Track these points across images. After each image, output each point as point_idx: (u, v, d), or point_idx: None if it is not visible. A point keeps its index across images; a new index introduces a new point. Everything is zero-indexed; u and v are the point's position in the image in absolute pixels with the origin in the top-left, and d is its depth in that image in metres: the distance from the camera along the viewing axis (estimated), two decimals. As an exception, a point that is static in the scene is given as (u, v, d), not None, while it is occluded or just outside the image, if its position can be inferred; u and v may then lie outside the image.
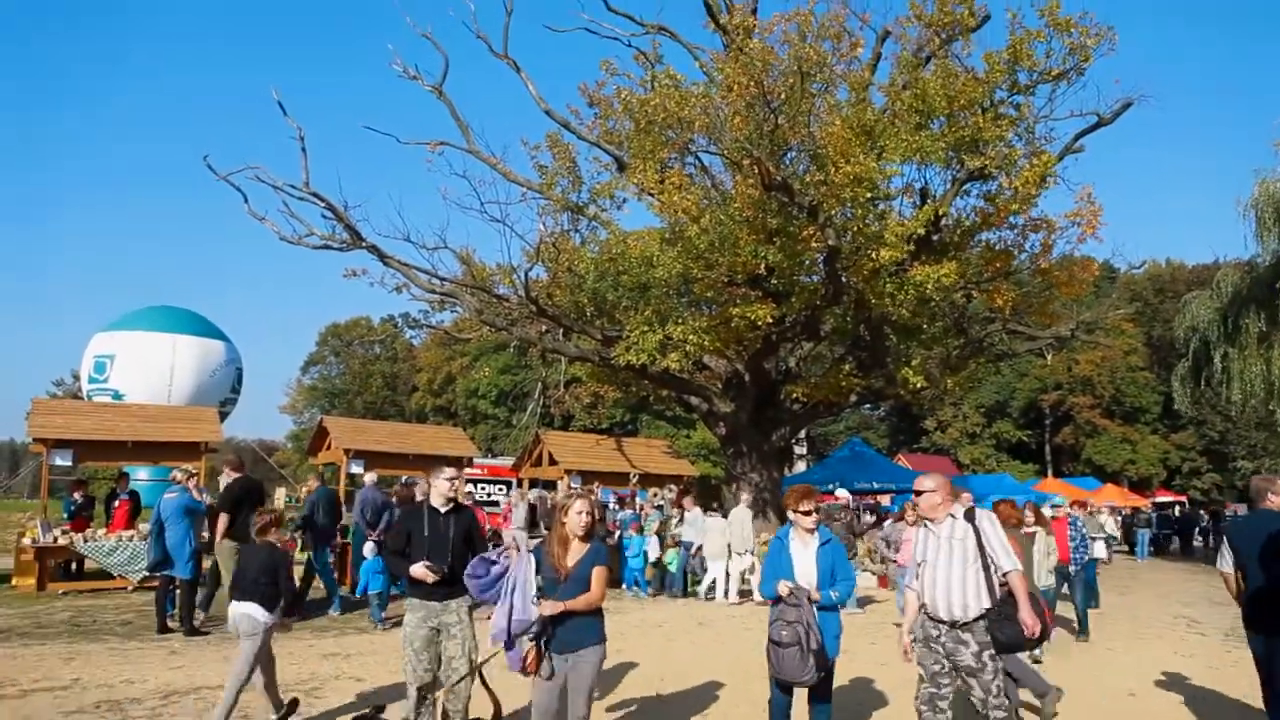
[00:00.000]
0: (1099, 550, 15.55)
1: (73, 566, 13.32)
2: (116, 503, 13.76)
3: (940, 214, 14.76)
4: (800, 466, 32.15)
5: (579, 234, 17.55)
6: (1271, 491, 5.44)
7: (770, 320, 14.64)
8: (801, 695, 5.01)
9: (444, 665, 5.27)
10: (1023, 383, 47.73)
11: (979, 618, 4.56)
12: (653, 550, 14.46)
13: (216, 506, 10.00)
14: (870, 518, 20.63)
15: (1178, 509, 33.85)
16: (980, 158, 13.95)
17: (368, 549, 10.48)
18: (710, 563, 13.63)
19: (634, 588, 14.13)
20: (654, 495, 17.86)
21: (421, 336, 62.10)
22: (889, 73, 15.81)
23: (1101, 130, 15.34)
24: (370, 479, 12.22)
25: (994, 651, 4.55)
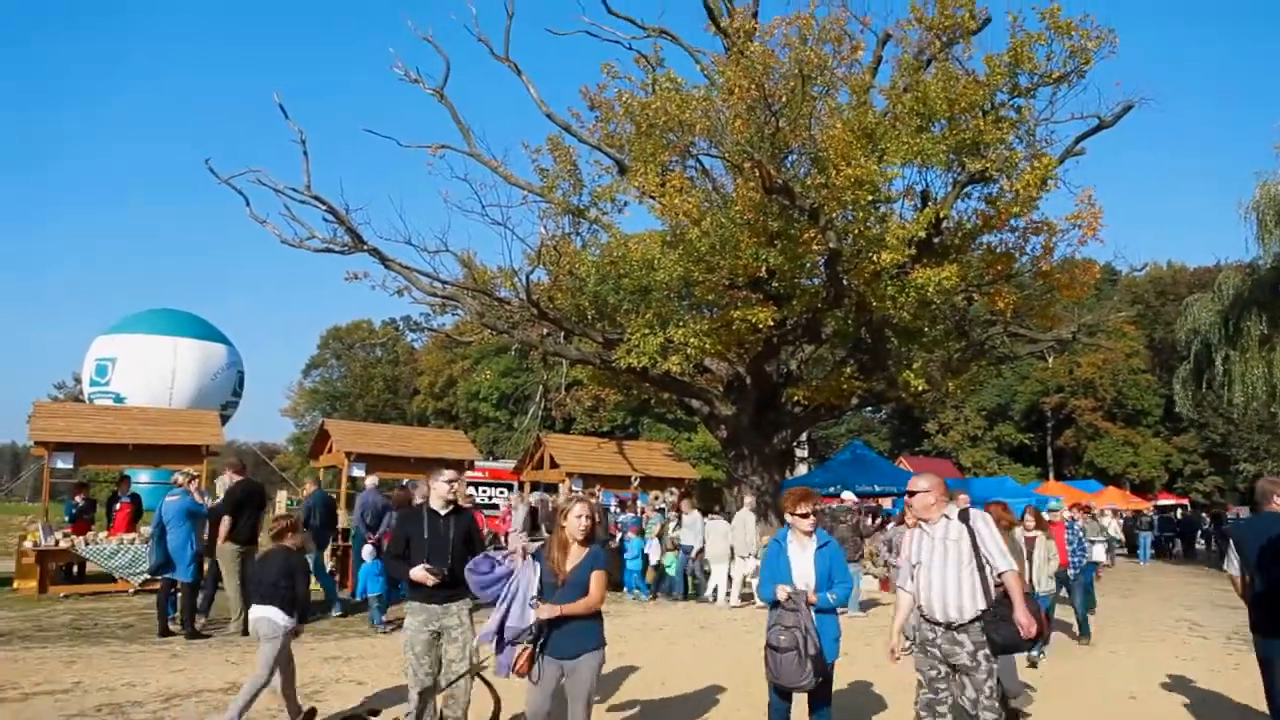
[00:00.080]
0: (1098, 553, 15.55)
1: (74, 569, 13.32)
2: (118, 506, 13.80)
3: (941, 217, 14.78)
4: (802, 469, 32.15)
5: (580, 237, 17.57)
6: (1277, 494, 5.41)
7: (771, 323, 14.65)
8: (801, 700, 4.97)
9: (444, 668, 5.25)
10: (1024, 385, 47.69)
11: (975, 619, 4.52)
12: (654, 553, 14.49)
13: (218, 509, 10.02)
14: (870, 521, 20.57)
15: (1180, 512, 33.73)
16: (981, 160, 13.96)
17: (366, 552, 10.48)
18: (713, 566, 13.63)
19: (634, 591, 14.14)
20: (655, 498, 17.85)
21: (423, 339, 62.37)
22: (890, 75, 15.87)
23: (1102, 133, 15.38)
24: (371, 482, 12.24)
25: (989, 652, 4.51)
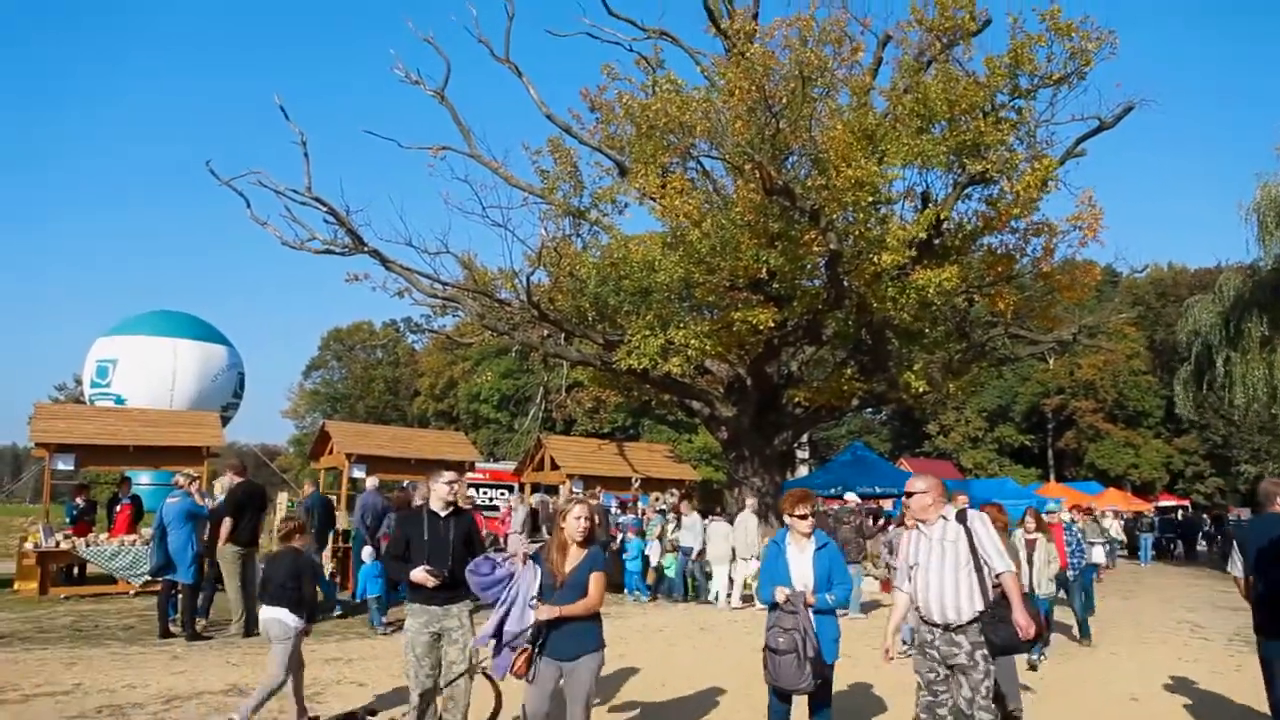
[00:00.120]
0: (1097, 555, 15.52)
1: (75, 571, 13.33)
2: (118, 507, 13.80)
3: (942, 218, 14.77)
4: (802, 471, 32.10)
5: (580, 238, 17.57)
6: (1279, 496, 5.40)
7: (772, 324, 14.64)
8: (801, 702, 4.97)
9: (444, 669, 5.25)
10: (1025, 387, 47.64)
11: (973, 620, 4.51)
12: (654, 555, 14.48)
13: (219, 511, 10.02)
14: (871, 523, 20.54)
15: (1180, 513, 33.71)
16: (981, 162, 13.95)
17: (366, 553, 10.48)
18: (714, 567, 13.62)
19: (634, 592, 14.13)
20: (656, 500, 17.85)
21: (423, 341, 62.33)
22: (890, 77, 15.87)
23: (1103, 134, 15.35)
24: (371, 484, 12.24)
25: (987, 653, 4.50)
